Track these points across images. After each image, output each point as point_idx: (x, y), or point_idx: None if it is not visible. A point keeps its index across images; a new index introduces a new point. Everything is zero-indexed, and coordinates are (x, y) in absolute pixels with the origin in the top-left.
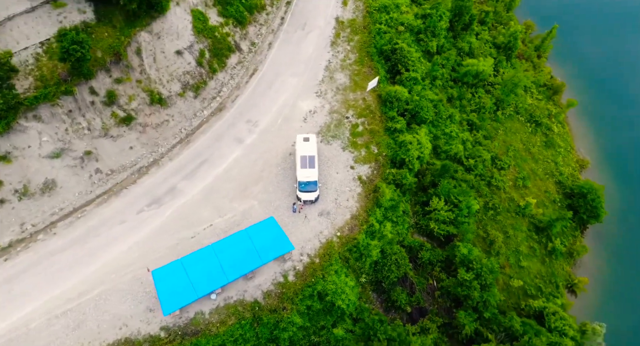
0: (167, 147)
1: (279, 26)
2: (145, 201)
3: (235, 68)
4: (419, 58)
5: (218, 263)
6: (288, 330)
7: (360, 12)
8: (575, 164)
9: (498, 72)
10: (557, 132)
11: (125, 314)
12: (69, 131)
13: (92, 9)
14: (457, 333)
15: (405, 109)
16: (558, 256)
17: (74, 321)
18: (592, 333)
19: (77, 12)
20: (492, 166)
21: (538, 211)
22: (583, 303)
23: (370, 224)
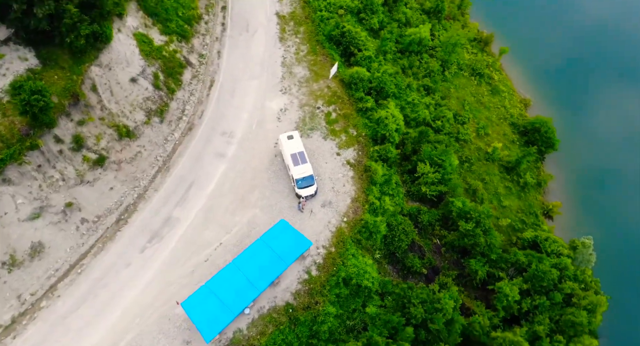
0: (147, 179)
1: (221, 33)
2: (145, 238)
3: (191, 84)
4: (365, 37)
5: (244, 277)
6: (326, 321)
7: (297, 3)
8: (520, 105)
9: (434, 36)
10: (498, 80)
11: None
12: (42, 187)
13: (34, 54)
14: (470, 280)
15: (369, 87)
16: (530, 189)
17: None
18: (583, 247)
19: (19, 60)
20: (455, 123)
21: (504, 153)
22: (562, 224)
23: (371, 203)
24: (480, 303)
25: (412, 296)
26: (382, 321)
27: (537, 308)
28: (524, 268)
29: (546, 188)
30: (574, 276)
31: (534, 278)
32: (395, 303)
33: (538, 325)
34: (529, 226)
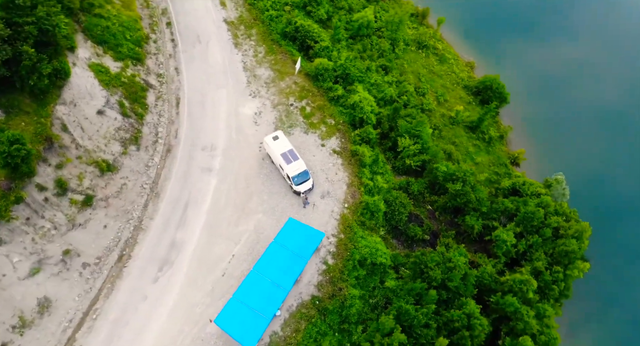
0: (139, 209)
1: (174, 49)
2: (154, 268)
3: (157, 105)
4: (317, 28)
5: (269, 281)
6: (353, 304)
7: (242, 6)
8: (466, 68)
9: (377, 18)
10: (442, 48)
11: None
12: (36, 239)
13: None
14: (467, 236)
15: (335, 76)
16: (495, 142)
17: None
18: (557, 183)
19: None
20: (417, 95)
21: (466, 115)
22: (529, 168)
23: (365, 185)
24: (482, 255)
25: (428, 261)
26: (405, 291)
27: (532, 246)
28: (513, 213)
29: (508, 138)
30: (556, 211)
31: (525, 220)
32: (413, 271)
33: (537, 261)
34: (503, 176)
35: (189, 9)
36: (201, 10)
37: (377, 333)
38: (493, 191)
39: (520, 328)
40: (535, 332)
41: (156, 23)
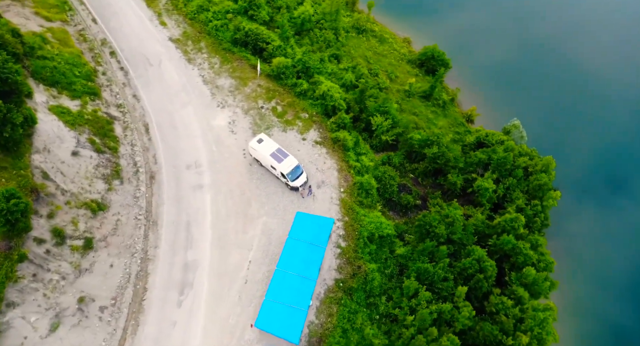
0: (140, 241)
1: (125, 77)
2: (175, 293)
3: (127, 135)
4: (264, 30)
5: (295, 275)
6: (374, 278)
7: (183, 23)
8: (404, 44)
9: (314, 11)
10: (379, 30)
11: None
12: (47, 294)
13: None
14: (452, 192)
15: (296, 71)
16: (448, 106)
17: None
18: (515, 128)
19: None
20: (372, 77)
21: (418, 86)
22: (484, 122)
23: (354, 167)
24: (468, 206)
25: (431, 221)
26: (418, 253)
27: (509, 188)
28: (486, 163)
29: (458, 100)
30: (520, 153)
31: (498, 166)
32: (418, 234)
33: (517, 200)
34: (464, 134)
35: (129, 35)
36: (142, 34)
37: (403, 298)
38: (460, 148)
39: (521, 261)
40: (534, 261)
41: (99, 55)
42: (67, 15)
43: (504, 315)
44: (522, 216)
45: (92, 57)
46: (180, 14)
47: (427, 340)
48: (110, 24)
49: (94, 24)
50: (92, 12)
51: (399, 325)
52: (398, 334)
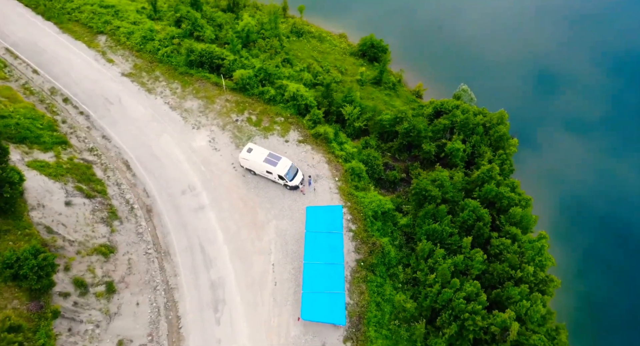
0: (158, 274)
1: (88, 120)
2: (210, 312)
3: (110, 177)
4: (216, 47)
5: (324, 264)
6: (389, 250)
7: (130, 56)
8: (342, 39)
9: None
10: (315, 30)
11: None
12: (87, 345)
13: None
14: (428, 160)
15: (259, 80)
16: (398, 87)
17: None
18: (464, 92)
19: None
20: (326, 74)
21: (367, 73)
22: (433, 95)
23: (340, 156)
24: (446, 169)
25: (425, 186)
26: (421, 218)
27: (475, 145)
28: (450, 127)
29: (404, 80)
30: (474, 113)
31: (462, 127)
32: (416, 201)
33: (484, 153)
34: (419, 109)
35: (78, 79)
36: (92, 75)
37: (420, 261)
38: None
39: (506, 204)
40: (517, 202)
41: (52, 104)
42: (5, 72)
43: (507, 253)
44: (495, 166)
45: (45, 108)
46: (125, 48)
47: (452, 291)
48: (54, 71)
49: (35, 75)
50: (30, 64)
51: (421, 286)
52: (424, 294)
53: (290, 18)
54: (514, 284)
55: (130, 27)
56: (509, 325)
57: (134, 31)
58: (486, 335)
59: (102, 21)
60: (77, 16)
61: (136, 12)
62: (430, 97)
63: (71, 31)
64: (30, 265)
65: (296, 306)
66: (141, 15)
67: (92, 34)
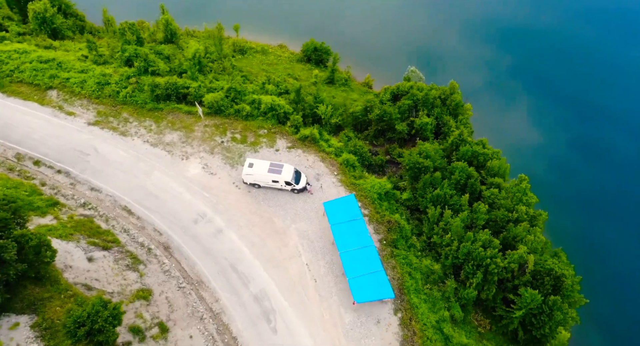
0: (199, 305)
1: (67, 177)
2: (264, 325)
3: (113, 224)
4: (176, 78)
5: (357, 249)
6: (403, 225)
7: (91, 105)
8: (283, 48)
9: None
10: (256, 46)
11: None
12: None
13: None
14: (402, 139)
15: (232, 100)
16: (349, 83)
17: None
18: (413, 73)
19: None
20: (284, 82)
21: (320, 75)
22: (382, 82)
23: (331, 152)
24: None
25: (417, 159)
26: (421, 188)
27: (437, 117)
28: (414, 106)
29: (352, 75)
30: (428, 89)
31: (424, 103)
32: (410, 175)
33: (448, 122)
34: (373, 99)
35: (43, 138)
36: (57, 132)
37: (433, 225)
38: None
39: (482, 160)
40: (490, 156)
41: (24, 170)
42: None
43: (499, 200)
44: (463, 127)
45: (18, 175)
46: (81, 98)
47: (470, 243)
48: (13, 137)
49: None
50: None
51: (438, 248)
52: (444, 254)
53: (226, 38)
54: (515, 224)
55: (80, 76)
56: (526, 259)
57: (85, 79)
58: (507, 274)
59: (47, 76)
60: (19, 76)
61: (79, 61)
62: (379, 86)
63: (17, 93)
64: (104, 317)
65: (341, 295)
66: (85, 63)
67: (41, 91)
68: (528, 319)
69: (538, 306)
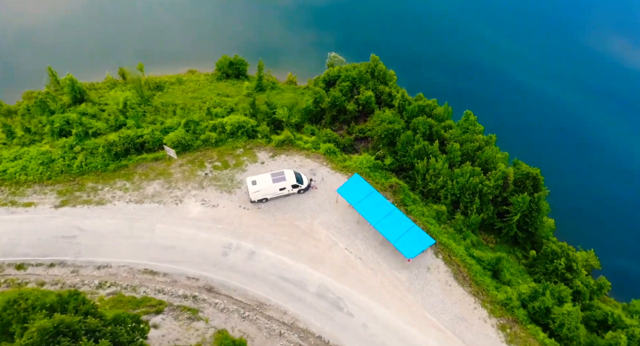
0: (272, 324)
1: (63, 267)
2: (337, 313)
3: (146, 291)
4: (125, 130)
5: (386, 216)
6: (402, 186)
7: (44, 187)
8: (195, 73)
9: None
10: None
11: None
12: None
13: None
14: (354, 117)
15: (194, 132)
16: (277, 85)
17: None
18: (335, 58)
19: None
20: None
21: (249, 85)
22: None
23: (310, 147)
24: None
25: (386, 127)
26: (401, 150)
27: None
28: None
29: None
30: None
31: (360, 80)
32: (387, 142)
33: (384, 90)
34: (320, 91)
35: (14, 240)
36: (25, 227)
37: (425, 175)
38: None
39: (428, 110)
40: (432, 106)
41: (12, 279)
42: None
43: (458, 137)
44: (402, 91)
45: (6, 286)
46: (31, 185)
47: (460, 177)
48: None
49: None
50: None
51: (436, 192)
52: (443, 195)
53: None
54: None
55: (16, 163)
56: (507, 173)
57: (25, 165)
58: (496, 190)
59: None
60: None
61: (3, 150)
62: (306, 78)
63: None
64: None
65: (388, 261)
66: (12, 148)
67: None
68: (522, 220)
69: (528, 207)
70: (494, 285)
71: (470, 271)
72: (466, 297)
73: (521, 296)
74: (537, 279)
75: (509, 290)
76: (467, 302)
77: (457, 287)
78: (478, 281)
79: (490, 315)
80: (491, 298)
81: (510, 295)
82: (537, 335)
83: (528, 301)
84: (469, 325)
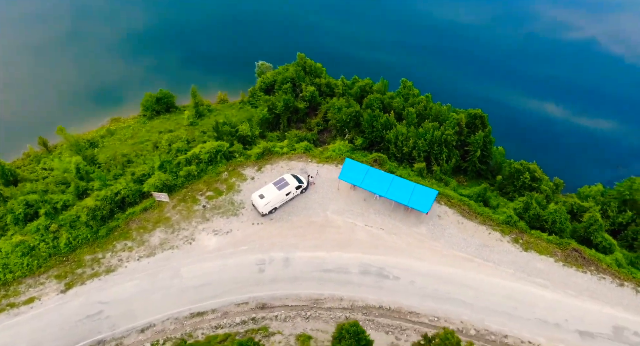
0: (337, 313)
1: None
2: (384, 280)
3: (194, 334)
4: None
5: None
6: (383, 157)
7: (35, 278)
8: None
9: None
10: (96, 132)
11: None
12: None
13: None
14: (304, 115)
15: (172, 170)
16: (214, 107)
17: None
18: (263, 66)
19: None
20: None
21: (189, 114)
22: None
23: (288, 151)
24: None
25: (346, 111)
26: (368, 128)
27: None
28: (293, 85)
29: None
30: (285, 68)
31: (298, 79)
32: (353, 125)
33: (321, 82)
34: (271, 99)
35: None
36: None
37: (396, 142)
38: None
39: (368, 88)
40: (371, 84)
41: None
42: None
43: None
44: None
45: None
46: (21, 281)
47: (422, 134)
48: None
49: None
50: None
51: (409, 154)
52: (417, 154)
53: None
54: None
55: None
56: (459, 119)
57: (5, 263)
58: (456, 136)
59: None
60: None
61: None
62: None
63: None
64: None
65: (404, 222)
66: None
67: None
68: (481, 155)
69: (482, 141)
70: (491, 211)
71: (471, 207)
72: (478, 227)
73: (516, 211)
74: (510, 198)
75: (505, 209)
76: (481, 231)
77: (467, 222)
78: (480, 211)
79: (503, 234)
80: (496, 221)
81: (509, 213)
82: (541, 237)
83: (523, 213)
84: (491, 248)
